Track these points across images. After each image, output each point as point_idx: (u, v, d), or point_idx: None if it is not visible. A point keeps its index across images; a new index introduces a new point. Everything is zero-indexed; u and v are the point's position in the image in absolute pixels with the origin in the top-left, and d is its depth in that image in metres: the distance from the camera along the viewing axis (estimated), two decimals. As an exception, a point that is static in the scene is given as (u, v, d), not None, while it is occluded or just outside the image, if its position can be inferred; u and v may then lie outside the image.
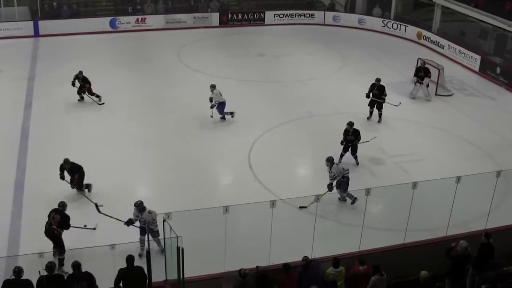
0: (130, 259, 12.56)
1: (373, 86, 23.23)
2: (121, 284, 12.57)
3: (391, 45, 34.91)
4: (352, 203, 17.62)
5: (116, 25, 36.09)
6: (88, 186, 18.09)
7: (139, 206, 15.14)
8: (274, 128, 22.79)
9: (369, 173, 19.86)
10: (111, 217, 15.79)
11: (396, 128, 23.45)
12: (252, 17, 38.05)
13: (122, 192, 17.81)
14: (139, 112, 23.71)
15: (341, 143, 19.87)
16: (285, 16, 38.36)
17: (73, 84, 24.45)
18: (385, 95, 23.14)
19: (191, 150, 21.11)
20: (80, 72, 24.57)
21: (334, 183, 17.48)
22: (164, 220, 12.63)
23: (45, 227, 15.07)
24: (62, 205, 15.42)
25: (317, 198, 14.85)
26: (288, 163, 20.44)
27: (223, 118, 23.18)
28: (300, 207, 16.93)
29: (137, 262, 12.86)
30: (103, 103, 24.57)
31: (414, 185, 14.38)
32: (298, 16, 38.53)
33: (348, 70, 29.66)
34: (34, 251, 12.58)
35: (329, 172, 17.47)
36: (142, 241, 15.29)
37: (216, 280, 13.52)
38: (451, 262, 13.35)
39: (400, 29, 36.17)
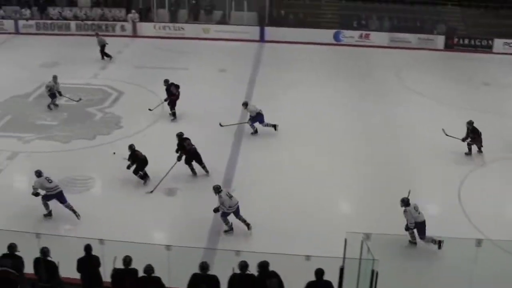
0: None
1: None
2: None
3: None
4: (439, 247, 15.52)
5: (340, 38, 36.21)
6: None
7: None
8: (491, 162, 21.34)
9: None
10: None
11: None
12: (479, 43, 36.35)
13: (320, 206, 17.68)
14: (349, 126, 23.50)
15: (462, 141, 21.02)
16: (516, 46, 36.26)
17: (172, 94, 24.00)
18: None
19: (398, 172, 20.34)
20: (166, 82, 24.08)
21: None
22: (362, 241, 12.29)
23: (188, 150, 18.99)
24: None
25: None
26: (504, 202, 18.96)
27: (267, 125, 22.71)
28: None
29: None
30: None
31: None
32: (532, 46, 36.21)
33: None
34: (231, 248, 12.78)
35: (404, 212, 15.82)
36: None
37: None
38: None
39: None
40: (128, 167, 18.86)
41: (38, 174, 17.17)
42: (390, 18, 37.41)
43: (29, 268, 13.03)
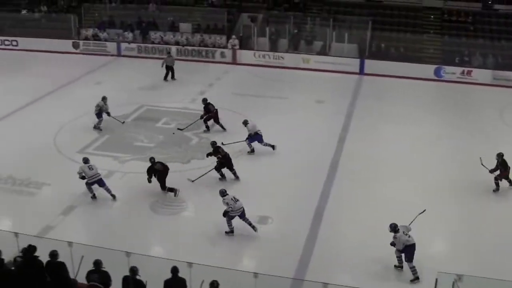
0: None
1: None
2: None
3: None
4: (413, 280, 15.47)
5: (441, 74, 35.39)
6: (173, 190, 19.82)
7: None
8: None
9: None
10: None
11: None
12: None
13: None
14: (445, 163, 22.85)
15: (490, 172, 20.43)
16: None
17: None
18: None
19: (495, 212, 19.61)
20: (204, 101, 26.00)
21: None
22: (454, 282, 11.81)
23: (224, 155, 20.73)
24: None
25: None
26: None
27: (268, 145, 23.44)
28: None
29: None
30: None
31: None
32: None
33: None
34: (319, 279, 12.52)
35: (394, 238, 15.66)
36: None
37: None
38: None
39: None
40: (150, 177, 19.77)
41: (85, 161, 19.49)
42: (494, 55, 36.36)
43: (116, 285, 13.13)
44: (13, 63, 37.19)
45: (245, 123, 23.48)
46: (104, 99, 25.70)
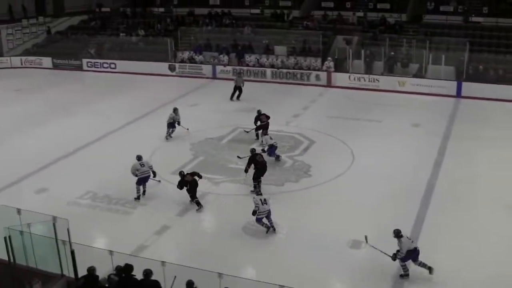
0: None
1: None
2: None
3: None
4: (430, 273, 16.08)
5: (542, 95, 34.09)
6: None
7: None
8: None
9: None
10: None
11: None
12: None
13: (473, 269, 16.45)
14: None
15: None
16: None
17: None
18: None
19: None
20: (258, 111, 27.45)
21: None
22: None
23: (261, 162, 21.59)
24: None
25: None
26: None
27: (277, 159, 24.59)
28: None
29: None
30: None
31: None
32: None
33: None
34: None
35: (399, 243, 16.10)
36: None
37: None
38: None
39: None
40: (181, 188, 20.53)
41: (138, 158, 21.29)
42: None
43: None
44: (112, 85, 38.45)
45: (265, 133, 25.20)
46: (175, 110, 27.46)
